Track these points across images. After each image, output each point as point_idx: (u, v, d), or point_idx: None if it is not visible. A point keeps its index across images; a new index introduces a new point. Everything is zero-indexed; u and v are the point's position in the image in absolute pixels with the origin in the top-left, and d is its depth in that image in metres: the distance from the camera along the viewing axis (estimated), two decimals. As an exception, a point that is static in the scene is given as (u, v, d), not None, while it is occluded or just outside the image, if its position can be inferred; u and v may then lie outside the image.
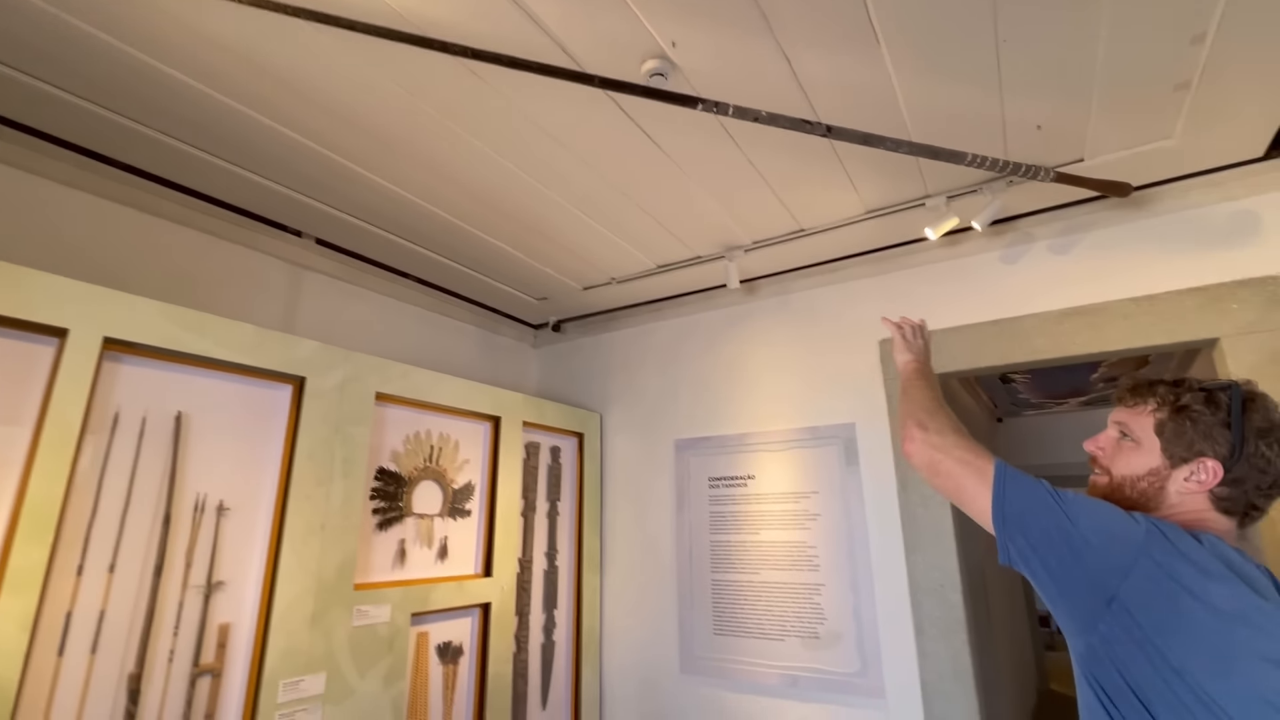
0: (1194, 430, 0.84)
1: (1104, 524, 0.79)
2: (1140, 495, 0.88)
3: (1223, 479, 0.82)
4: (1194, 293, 1.81)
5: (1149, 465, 0.88)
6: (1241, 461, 0.81)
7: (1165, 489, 0.86)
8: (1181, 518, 0.84)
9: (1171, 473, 0.86)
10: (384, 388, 1.88)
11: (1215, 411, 0.83)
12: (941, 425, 1.05)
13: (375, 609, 1.74)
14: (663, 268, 2.45)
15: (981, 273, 2.15)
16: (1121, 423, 0.93)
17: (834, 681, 2.08)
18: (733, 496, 2.44)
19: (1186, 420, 0.85)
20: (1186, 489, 0.85)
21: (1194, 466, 0.84)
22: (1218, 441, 0.83)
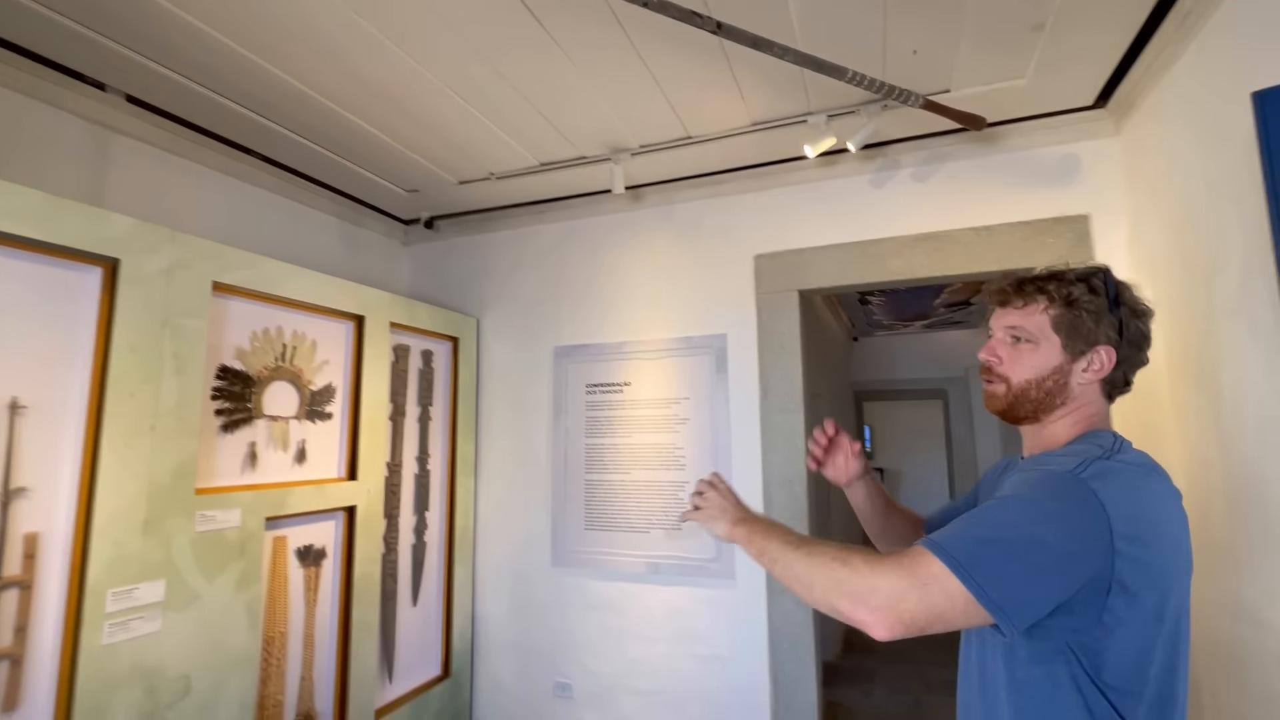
0: (1089, 321, 0.84)
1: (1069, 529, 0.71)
2: (1046, 395, 0.86)
3: (1116, 364, 0.84)
4: (1021, 226, 2.03)
5: (1053, 363, 0.86)
6: (1125, 343, 0.84)
7: (1068, 384, 0.85)
8: (1081, 413, 0.85)
9: (1072, 366, 0.85)
10: (223, 277, 1.67)
11: (1097, 297, 0.84)
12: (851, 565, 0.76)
13: (223, 514, 1.63)
14: (546, 166, 2.33)
15: (852, 195, 2.26)
16: (1014, 326, 0.89)
17: (691, 566, 2.29)
18: (609, 402, 2.50)
19: (1081, 312, 0.84)
20: (1085, 380, 0.85)
21: (1091, 357, 0.84)
22: (1105, 327, 0.84)
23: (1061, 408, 0.86)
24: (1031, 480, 0.76)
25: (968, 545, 0.71)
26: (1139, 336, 0.85)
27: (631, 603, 2.37)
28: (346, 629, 2.00)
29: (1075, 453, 0.79)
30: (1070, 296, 0.85)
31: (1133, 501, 0.72)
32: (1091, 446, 0.79)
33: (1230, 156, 1.31)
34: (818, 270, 2.25)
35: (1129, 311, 0.85)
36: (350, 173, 2.36)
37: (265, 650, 1.77)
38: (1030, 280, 0.89)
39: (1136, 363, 0.86)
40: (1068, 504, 0.71)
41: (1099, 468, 0.74)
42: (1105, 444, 0.80)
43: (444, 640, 2.48)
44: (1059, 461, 0.78)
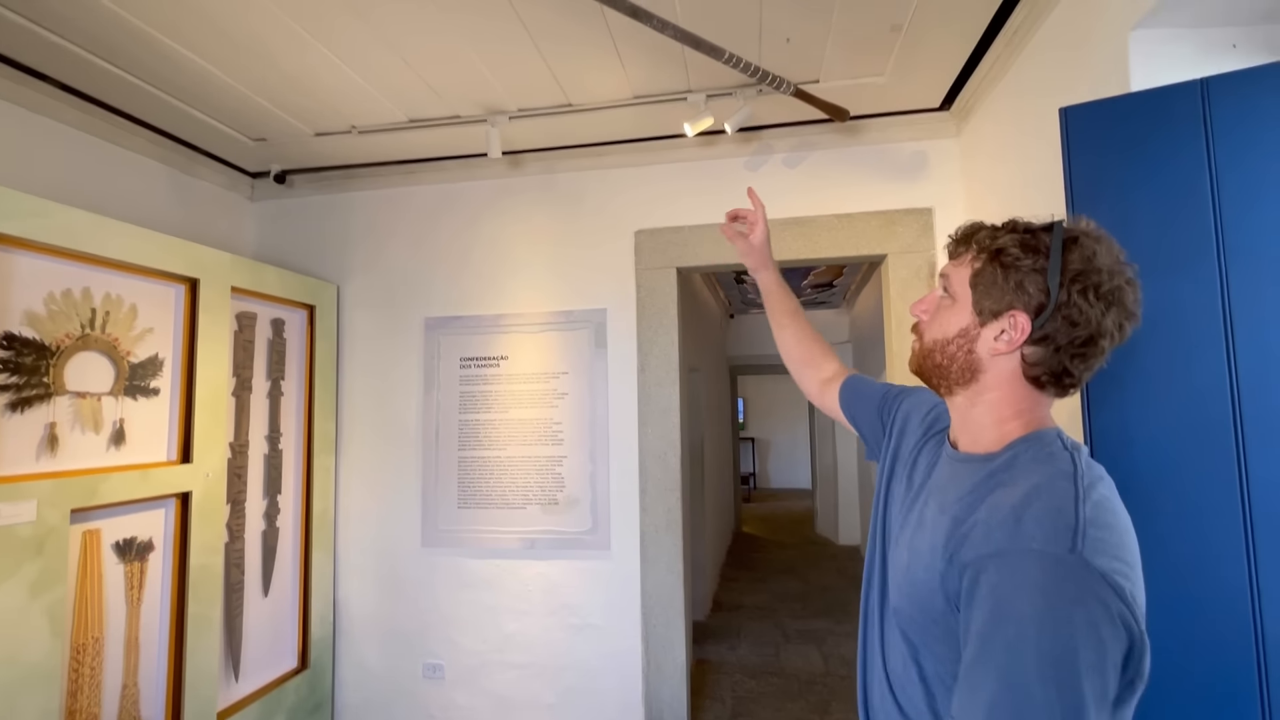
0: (1005, 278, 0.69)
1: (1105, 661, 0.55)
2: (949, 361, 0.73)
3: (1030, 335, 0.67)
4: (876, 215, 2.20)
5: (960, 324, 0.72)
6: (1053, 314, 0.66)
7: (975, 352, 0.71)
8: (1004, 400, 0.71)
9: (981, 331, 0.70)
10: (2, 226, 1.39)
11: (1034, 256, 0.67)
12: None
13: (11, 507, 1.38)
14: (415, 123, 2.16)
15: (728, 176, 2.32)
16: (945, 276, 0.76)
17: (568, 540, 2.29)
18: (484, 376, 2.42)
19: (998, 267, 0.69)
20: (995, 349, 0.69)
21: (1004, 322, 0.68)
22: (1029, 291, 0.67)
23: (973, 385, 0.72)
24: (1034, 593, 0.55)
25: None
26: (1078, 311, 0.65)
27: (507, 579, 2.34)
28: (180, 628, 1.80)
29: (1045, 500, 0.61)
30: (994, 246, 0.70)
31: (1136, 565, 0.59)
32: (1057, 483, 0.62)
33: (1043, 163, 1.50)
34: (695, 249, 2.30)
35: (1078, 282, 0.65)
36: (181, 114, 2.05)
37: (74, 659, 1.55)
38: (974, 227, 0.75)
39: (1078, 351, 0.67)
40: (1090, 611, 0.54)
41: (1093, 527, 0.57)
42: (1063, 466, 0.64)
43: (301, 630, 2.31)
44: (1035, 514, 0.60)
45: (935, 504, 0.73)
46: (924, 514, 0.74)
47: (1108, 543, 0.57)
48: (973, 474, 0.70)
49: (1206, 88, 0.99)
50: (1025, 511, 0.60)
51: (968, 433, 0.74)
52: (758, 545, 6.40)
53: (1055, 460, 0.65)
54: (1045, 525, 0.58)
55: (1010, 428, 0.70)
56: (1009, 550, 0.58)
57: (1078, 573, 0.55)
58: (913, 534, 0.74)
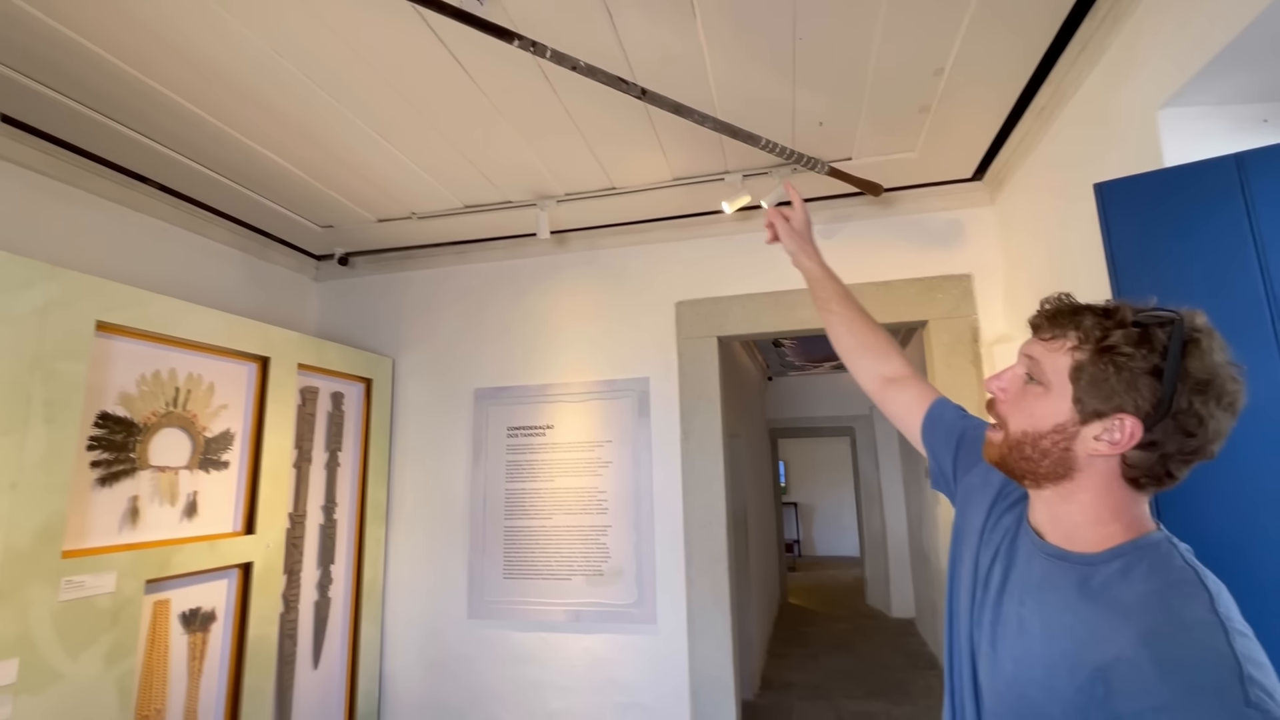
0: (1117, 378, 0.63)
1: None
2: (1041, 456, 0.68)
3: (1140, 441, 0.62)
4: (914, 283, 2.22)
5: (1055, 419, 0.67)
6: (1166, 420, 0.61)
7: (1072, 450, 0.66)
8: (1102, 500, 0.66)
9: (1080, 430, 0.65)
10: (108, 316, 1.54)
11: (1148, 354, 0.62)
12: None
13: (94, 579, 1.46)
14: (470, 208, 2.32)
15: (766, 248, 2.39)
16: (1032, 358, 0.70)
17: (613, 613, 2.26)
18: (531, 445, 2.47)
19: (1110, 365, 0.63)
20: (1095, 450, 0.64)
21: (1108, 423, 0.63)
22: (1141, 394, 0.62)
23: (1065, 483, 0.67)
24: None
25: None
26: (1197, 421, 0.61)
27: (552, 653, 2.31)
28: (236, 699, 1.82)
29: (1194, 635, 0.57)
30: (1105, 341, 0.64)
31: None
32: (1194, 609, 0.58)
33: (1081, 233, 1.52)
34: (735, 318, 2.35)
35: (1193, 385, 0.61)
36: (258, 205, 2.26)
37: (137, 732, 1.58)
38: (1070, 307, 0.69)
39: (1188, 452, 0.62)
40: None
41: (1252, 668, 0.53)
42: (1196, 589, 0.59)
43: (347, 704, 2.30)
44: (1192, 656, 0.56)
45: (1034, 606, 0.68)
46: (1023, 616, 0.69)
47: (1268, 683, 0.53)
48: (1074, 580, 0.66)
49: (1242, 162, 1.02)
50: (1176, 650, 0.56)
51: (1058, 529, 0.69)
52: (806, 618, 6.12)
53: (1185, 584, 0.60)
54: (1209, 671, 0.54)
55: (1111, 530, 0.66)
56: (1177, 704, 0.54)
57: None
58: (1014, 639, 0.68)
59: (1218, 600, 0.58)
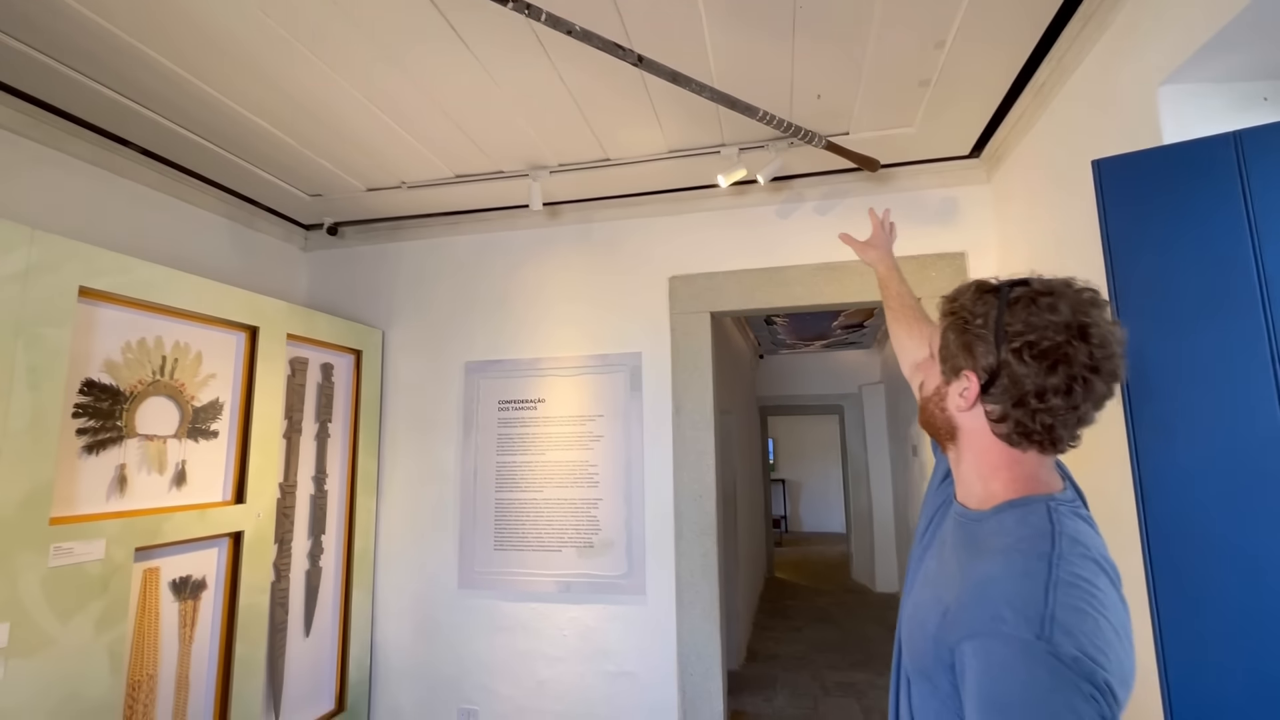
0: (958, 340, 0.71)
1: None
2: (933, 419, 0.77)
3: (979, 395, 0.69)
4: (909, 260, 2.22)
5: (934, 384, 0.76)
6: (1000, 376, 0.67)
7: (947, 410, 0.74)
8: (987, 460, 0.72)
9: (947, 390, 0.74)
10: (92, 281, 1.51)
11: (982, 317, 0.69)
12: None
13: (83, 546, 1.46)
14: (461, 178, 2.29)
15: (760, 223, 2.38)
16: (931, 338, 0.80)
17: (603, 584, 2.29)
18: (522, 419, 2.47)
19: (955, 329, 0.72)
20: (958, 406, 0.72)
21: (960, 382, 0.71)
22: (978, 353, 0.69)
23: (957, 441, 0.75)
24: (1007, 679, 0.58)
25: None
26: (1021, 375, 0.66)
27: (542, 623, 2.34)
28: (228, 666, 1.84)
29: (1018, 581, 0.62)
30: (954, 308, 0.73)
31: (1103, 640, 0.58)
32: (1032, 561, 0.63)
33: (1077, 211, 1.52)
34: (728, 293, 2.35)
35: (1014, 342, 0.66)
36: (245, 172, 2.21)
37: (130, 696, 1.59)
38: (954, 291, 0.78)
39: (1036, 408, 0.66)
40: (1060, 703, 0.55)
41: (1060, 610, 0.58)
42: (1041, 550, 0.64)
43: (339, 671, 2.33)
44: (1007, 592, 0.62)
45: (936, 558, 0.76)
46: (929, 566, 0.77)
47: (1078, 628, 0.58)
48: (965, 535, 0.73)
49: (1240, 140, 1.01)
50: (997, 591, 0.62)
51: (962, 486, 0.77)
52: (792, 591, 6.23)
53: (1035, 537, 0.65)
54: (1016, 608, 0.60)
55: (995, 487, 0.72)
56: (983, 633, 0.61)
57: (1048, 660, 0.56)
58: (920, 585, 0.77)
59: (1058, 555, 0.63)
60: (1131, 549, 1.34)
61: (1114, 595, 0.63)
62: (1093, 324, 0.66)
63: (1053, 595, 0.59)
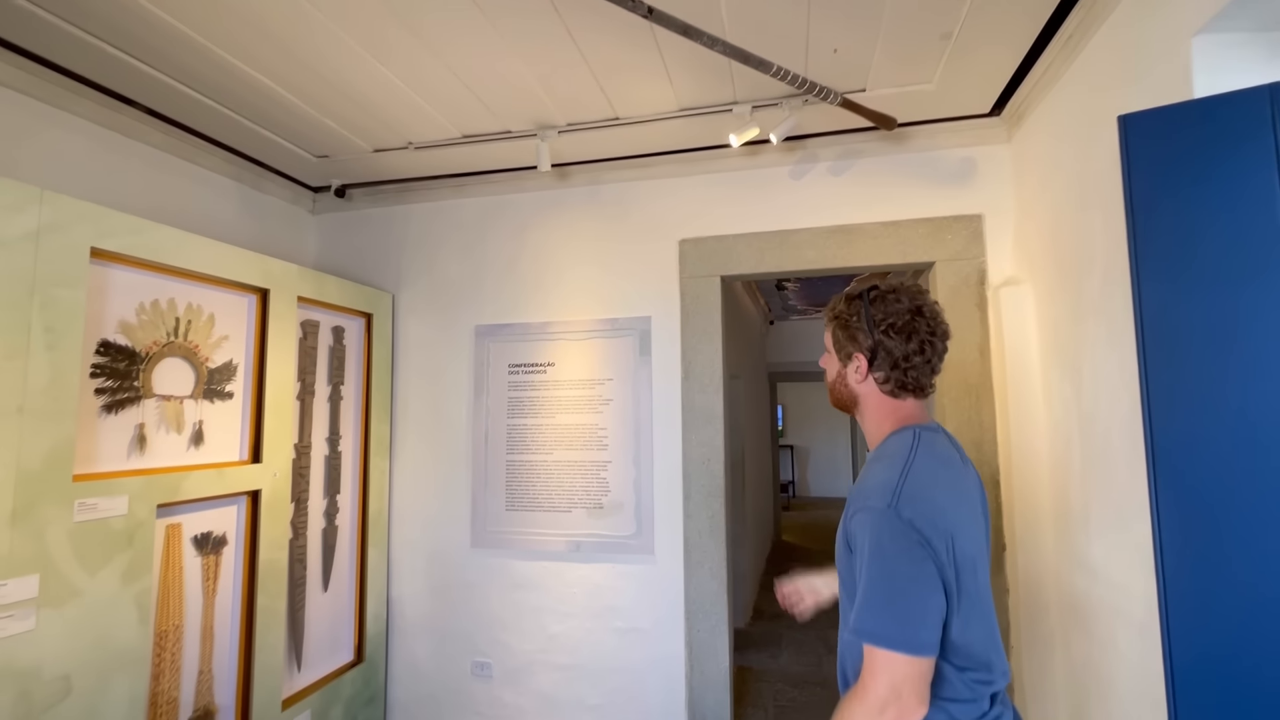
0: (844, 333, 1.05)
1: (914, 558, 0.91)
2: (840, 395, 1.10)
3: (870, 367, 1.02)
4: (924, 223, 2.18)
5: (835, 369, 1.08)
6: (878, 351, 1.01)
7: (849, 385, 1.06)
8: (879, 410, 1.05)
9: (845, 371, 1.06)
10: (103, 243, 1.52)
11: (857, 314, 1.03)
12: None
13: (107, 502, 1.50)
14: (469, 138, 2.25)
15: (772, 184, 2.34)
16: (827, 339, 1.12)
17: (612, 544, 2.34)
18: (532, 383, 2.48)
19: (840, 327, 1.05)
20: (856, 379, 1.05)
21: (853, 362, 1.04)
22: (859, 339, 1.02)
23: (859, 407, 1.07)
24: (873, 531, 0.91)
25: (878, 621, 0.89)
26: (891, 345, 1.00)
27: (552, 581, 2.40)
28: (250, 618, 1.90)
29: (883, 475, 0.95)
30: (835, 313, 1.07)
31: (930, 507, 0.91)
32: (894, 463, 0.96)
33: (1100, 170, 1.47)
34: (739, 257, 2.32)
35: (880, 325, 1.01)
36: (251, 133, 2.19)
37: (158, 645, 1.66)
38: (829, 303, 1.12)
39: (905, 367, 1.01)
40: (901, 542, 0.89)
41: (905, 490, 0.92)
42: (904, 454, 0.97)
43: (357, 625, 2.41)
44: (876, 484, 0.94)
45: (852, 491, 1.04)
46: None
47: (914, 503, 0.91)
48: (868, 463, 1.04)
49: (1275, 93, 0.97)
50: (872, 482, 0.95)
51: (867, 437, 1.09)
52: (798, 554, 6.33)
53: (901, 447, 0.99)
54: (879, 491, 0.93)
55: (886, 427, 1.05)
56: (862, 509, 0.94)
57: (893, 519, 0.90)
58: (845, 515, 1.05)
59: (913, 456, 0.96)
60: (1140, 515, 1.34)
61: (949, 479, 0.98)
62: (925, 305, 1.03)
63: (902, 483, 0.92)
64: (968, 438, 2.07)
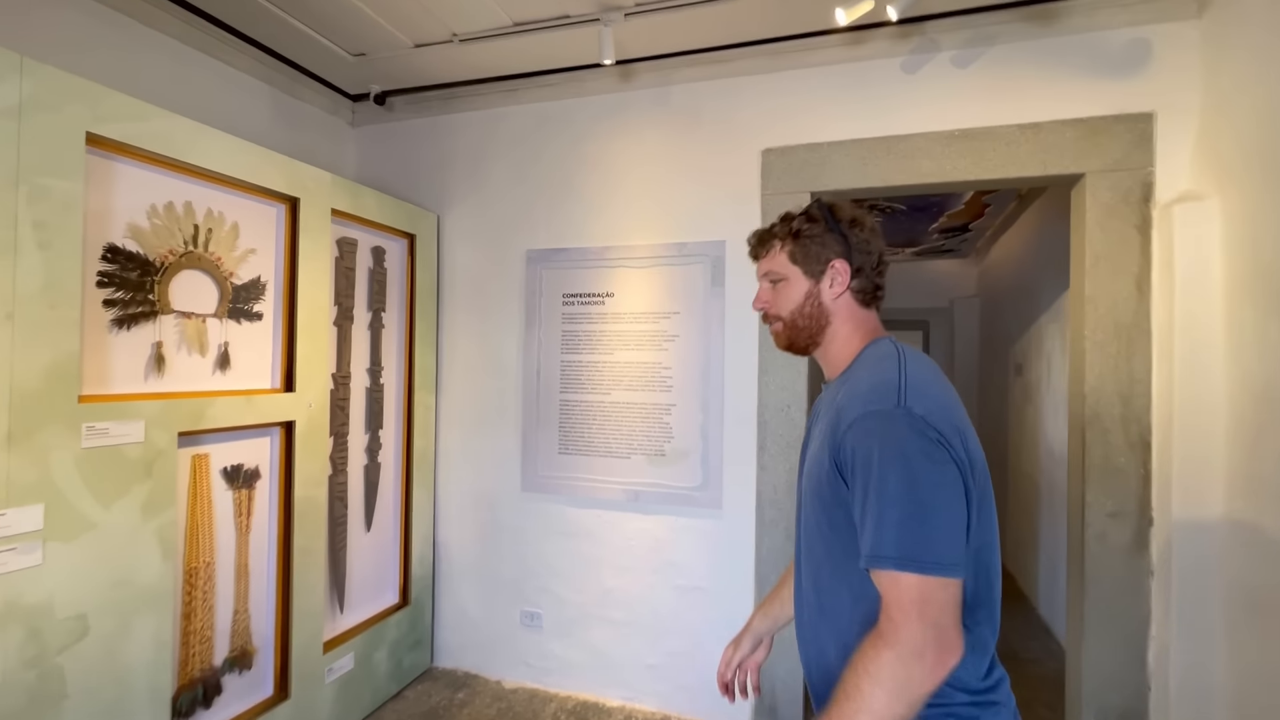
0: (813, 244, 0.95)
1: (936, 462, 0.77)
2: (811, 320, 0.96)
3: (851, 271, 0.93)
4: (1075, 124, 1.76)
5: (803, 290, 0.96)
6: (854, 251, 0.94)
7: (822, 303, 0.95)
8: (850, 325, 0.95)
9: (818, 287, 0.95)
10: (101, 128, 1.30)
11: (819, 224, 0.95)
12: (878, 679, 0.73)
13: (119, 426, 1.33)
14: (520, 26, 1.93)
15: (879, 81, 1.94)
16: (768, 271, 0.99)
17: (675, 495, 2.10)
18: (588, 315, 2.22)
19: (806, 240, 0.95)
20: (834, 294, 0.94)
21: (830, 273, 0.94)
22: (831, 244, 0.94)
23: (830, 326, 0.96)
24: (884, 435, 0.77)
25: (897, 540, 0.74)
26: (863, 243, 0.94)
27: (609, 531, 2.19)
28: (288, 557, 1.77)
29: (878, 376, 0.83)
30: (794, 230, 0.96)
31: (939, 404, 0.80)
32: (886, 364, 0.85)
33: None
34: (835, 169, 1.96)
35: (848, 224, 0.95)
36: (281, 23, 1.93)
37: (188, 583, 1.53)
38: (764, 230, 1.01)
39: (877, 268, 0.96)
40: (920, 442, 0.76)
41: (910, 385, 0.81)
42: (893, 361, 0.86)
43: (402, 567, 2.28)
44: (872, 386, 0.82)
45: (823, 417, 0.90)
46: (812, 436, 0.95)
47: (921, 398, 0.79)
48: (839, 383, 0.92)
49: None
50: (865, 389, 0.83)
51: (832, 365, 0.97)
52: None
53: (887, 355, 0.88)
54: (880, 393, 0.81)
55: (855, 343, 0.95)
56: (860, 416, 0.80)
57: (906, 417, 0.78)
58: (809, 453, 0.94)
59: (904, 360, 0.86)
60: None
61: (942, 383, 0.85)
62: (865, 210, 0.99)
63: (903, 380, 0.82)
64: (1111, 389, 1.71)
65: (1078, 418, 1.78)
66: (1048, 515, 3.08)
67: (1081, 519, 1.74)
